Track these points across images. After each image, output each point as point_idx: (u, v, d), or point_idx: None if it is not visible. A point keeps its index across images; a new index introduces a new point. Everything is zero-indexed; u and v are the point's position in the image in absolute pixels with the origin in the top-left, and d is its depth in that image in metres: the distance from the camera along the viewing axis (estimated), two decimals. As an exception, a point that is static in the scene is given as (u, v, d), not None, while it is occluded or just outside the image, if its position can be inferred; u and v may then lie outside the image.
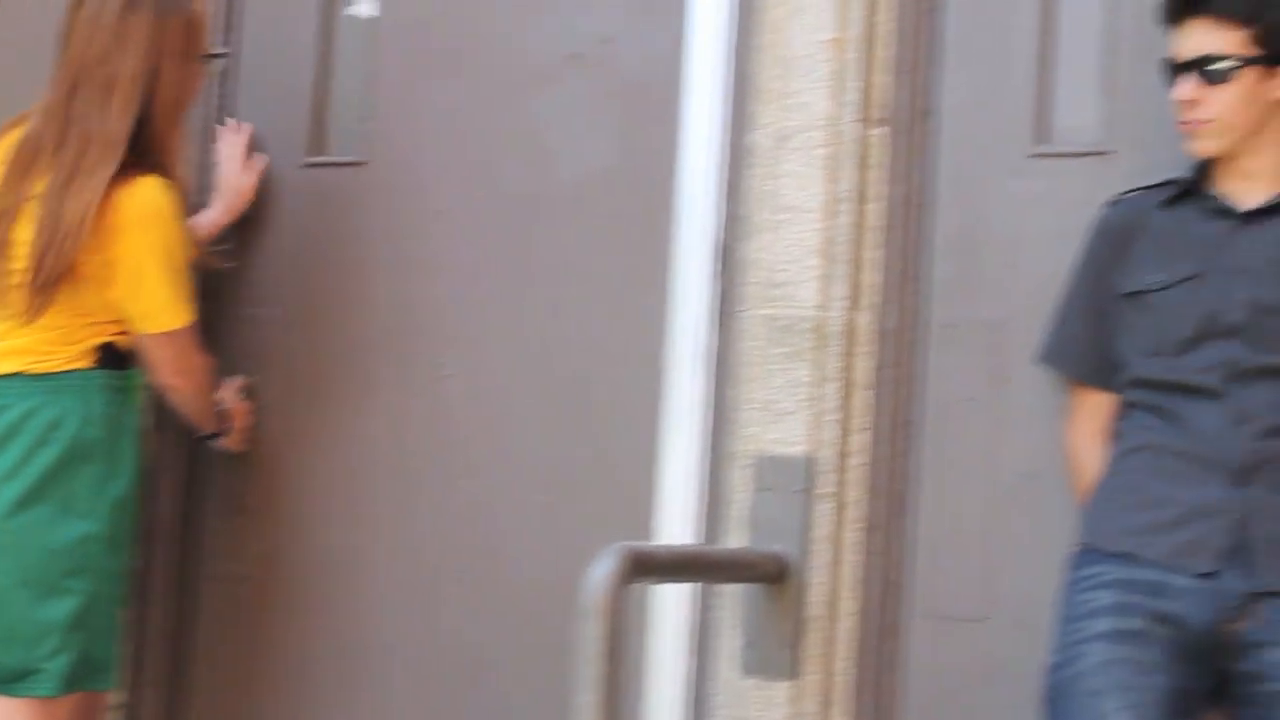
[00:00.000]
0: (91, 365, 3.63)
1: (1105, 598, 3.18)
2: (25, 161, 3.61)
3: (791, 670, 3.52)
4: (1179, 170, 3.39)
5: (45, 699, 3.54)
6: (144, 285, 3.61)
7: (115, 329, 3.67)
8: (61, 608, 3.54)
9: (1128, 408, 3.33)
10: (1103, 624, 3.15)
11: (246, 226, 4.07)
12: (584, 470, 3.85)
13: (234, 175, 4.00)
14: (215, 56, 4.02)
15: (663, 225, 3.84)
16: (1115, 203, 3.45)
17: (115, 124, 3.61)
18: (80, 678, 3.56)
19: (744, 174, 3.77)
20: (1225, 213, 3.30)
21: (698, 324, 3.78)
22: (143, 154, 3.62)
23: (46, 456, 3.56)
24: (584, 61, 3.97)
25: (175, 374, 3.74)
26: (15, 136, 3.66)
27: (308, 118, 4.14)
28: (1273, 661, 3.08)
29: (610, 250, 3.88)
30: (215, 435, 3.93)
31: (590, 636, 2.95)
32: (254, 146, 4.05)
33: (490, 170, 4.01)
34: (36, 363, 3.62)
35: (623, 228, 3.88)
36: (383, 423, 4.02)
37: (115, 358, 3.67)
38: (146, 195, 3.58)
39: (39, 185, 3.58)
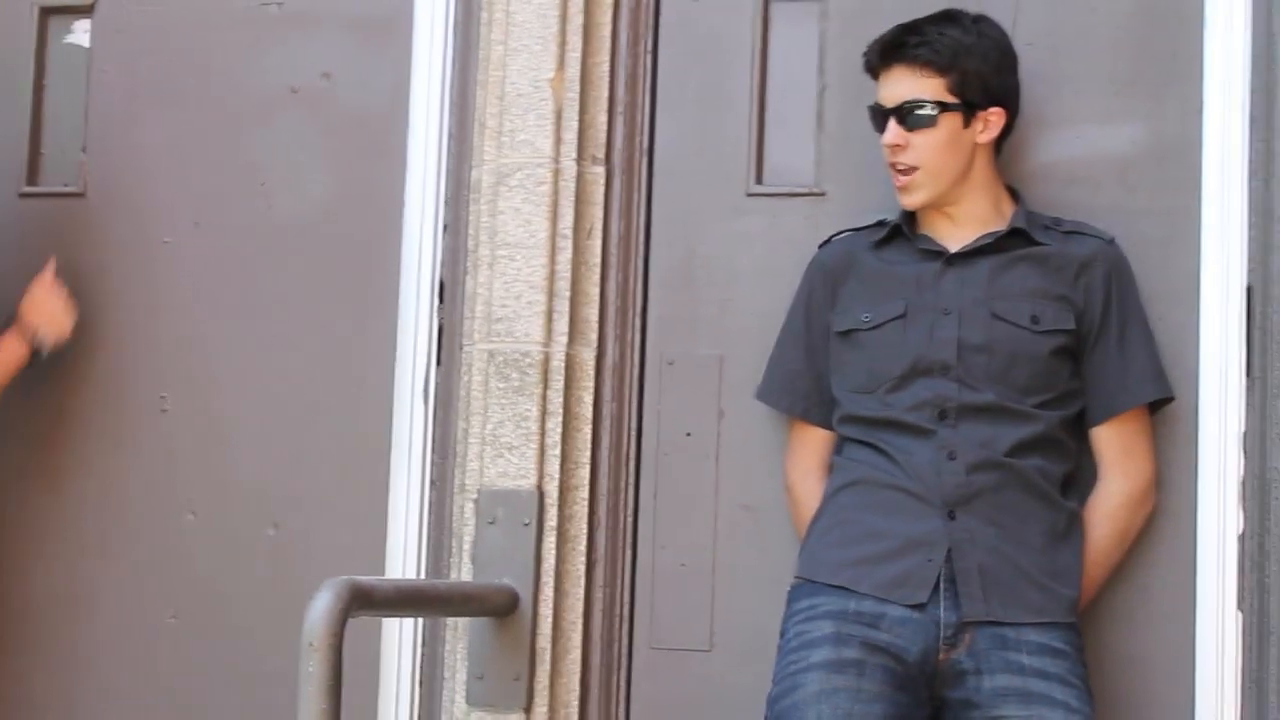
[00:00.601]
0: None
1: (823, 628, 3.29)
2: None
3: (521, 703, 3.59)
4: (888, 210, 3.53)
5: None
6: None
7: None
8: None
9: (842, 443, 3.46)
10: (820, 654, 3.26)
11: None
12: (313, 504, 3.87)
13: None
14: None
15: (387, 259, 3.89)
16: (827, 243, 3.58)
17: None
18: None
19: (466, 209, 3.83)
20: (933, 254, 3.44)
21: (420, 358, 3.83)
22: None
23: None
24: (304, 95, 3.99)
25: None
26: None
27: (23, 147, 4.08)
28: (985, 689, 3.22)
29: (335, 284, 3.91)
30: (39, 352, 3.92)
31: (311, 671, 2.97)
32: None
33: (212, 203, 4.00)
34: None
35: (347, 261, 3.91)
36: (102, 458, 3.98)
37: None
38: None
39: None
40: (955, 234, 3.45)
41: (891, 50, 3.44)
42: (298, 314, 3.92)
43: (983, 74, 3.41)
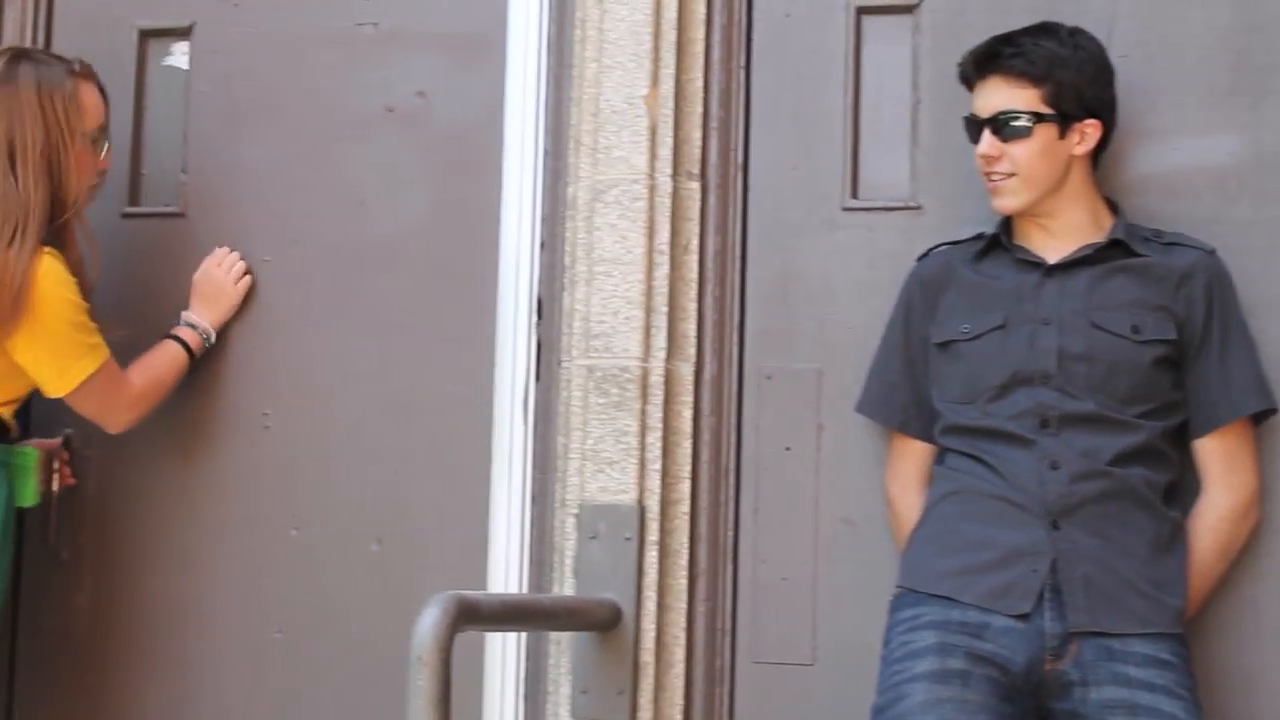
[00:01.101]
0: None
1: (926, 638, 3.30)
2: None
3: (625, 717, 3.62)
4: (983, 223, 3.55)
5: None
6: (39, 350, 3.69)
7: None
8: None
9: (943, 454, 3.48)
10: (925, 664, 3.27)
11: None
12: (415, 520, 3.91)
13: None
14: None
15: (484, 276, 3.92)
16: (925, 257, 3.60)
17: (36, 196, 3.72)
18: None
19: (562, 226, 3.86)
20: (1031, 265, 3.45)
21: (519, 374, 3.87)
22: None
23: None
24: (400, 114, 4.03)
25: (114, 413, 3.83)
26: None
27: (125, 168, 4.13)
28: (1091, 700, 3.23)
29: (433, 301, 3.95)
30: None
31: (420, 685, 2.98)
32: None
33: (310, 222, 4.05)
34: None
35: (445, 279, 3.95)
36: (207, 475, 4.03)
37: None
38: (42, 265, 3.66)
39: None
40: (1053, 245, 3.46)
41: (987, 61, 3.46)
42: (397, 331, 3.96)
43: (1078, 85, 3.42)
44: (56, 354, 3.69)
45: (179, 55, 4.19)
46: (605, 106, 3.81)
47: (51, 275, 3.67)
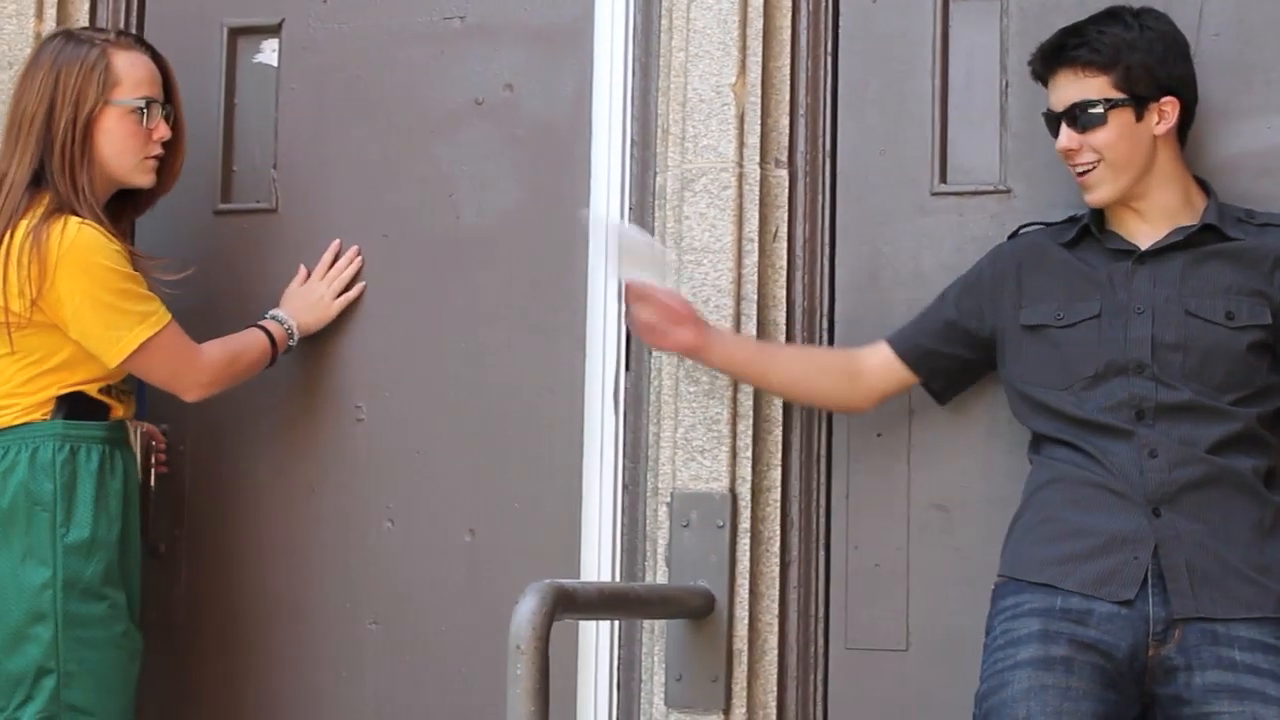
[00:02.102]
0: (47, 416, 3.67)
1: (1029, 625, 3.29)
2: None
3: (720, 704, 3.62)
4: (1073, 206, 3.53)
5: None
6: (86, 322, 3.65)
7: (79, 378, 3.71)
8: (26, 656, 3.57)
9: (1039, 441, 3.46)
10: (1028, 651, 3.26)
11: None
12: (508, 510, 3.93)
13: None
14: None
15: (574, 267, 3.94)
16: (1016, 234, 3.59)
17: (18, 168, 3.70)
18: None
19: (651, 215, 3.87)
20: (1124, 253, 3.43)
21: (610, 364, 3.88)
22: (61, 195, 3.68)
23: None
24: (488, 107, 4.05)
25: (182, 379, 3.79)
26: None
27: (217, 165, 4.17)
28: (1195, 685, 3.21)
29: (524, 292, 3.97)
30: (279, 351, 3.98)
31: (518, 673, 2.98)
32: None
33: (400, 215, 4.07)
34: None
35: (535, 270, 3.97)
36: (301, 468, 4.06)
37: (79, 408, 3.70)
38: (62, 240, 3.62)
39: None
40: (1145, 230, 3.44)
41: (1054, 55, 3.45)
42: (488, 322, 3.98)
43: (1149, 65, 3.39)
44: (106, 324, 3.65)
45: (268, 52, 4.22)
46: (693, 95, 3.81)
47: (82, 245, 3.63)
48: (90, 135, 3.73)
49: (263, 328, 3.96)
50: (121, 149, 3.77)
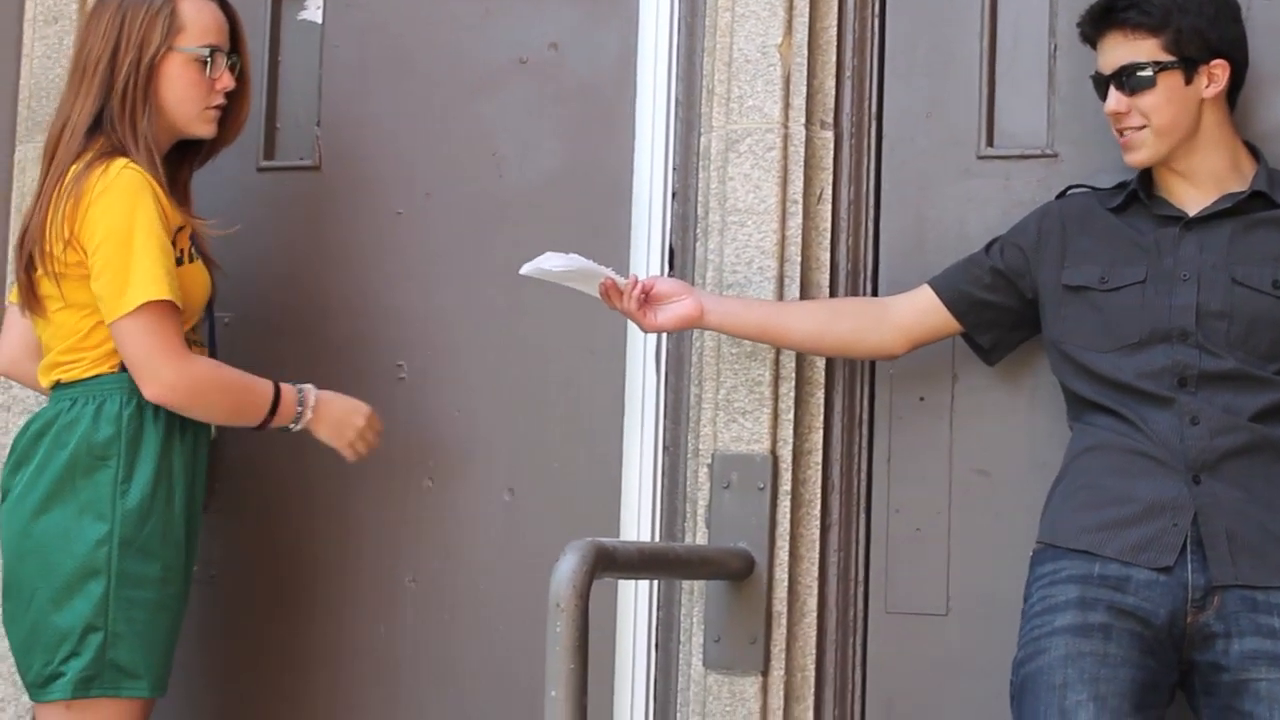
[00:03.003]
0: (112, 369, 3.63)
1: (1067, 592, 3.27)
2: (47, 160, 3.69)
3: (758, 665, 3.62)
4: (1121, 171, 3.50)
5: (69, 704, 3.55)
6: (105, 264, 3.57)
7: None
8: (75, 611, 3.55)
9: (1079, 407, 3.44)
10: (1065, 618, 3.25)
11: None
12: (548, 470, 3.93)
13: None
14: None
15: (617, 227, 3.93)
16: (1064, 195, 3.57)
17: (79, 112, 3.68)
18: (99, 683, 3.54)
19: (695, 176, 3.86)
20: (1170, 219, 3.41)
21: (653, 324, 3.86)
22: (117, 139, 3.65)
23: (60, 459, 3.59)
24: (533, 66, 4.04)
25: (150, 368, 3.55)
26: None
27: (259, 121, 4.16)
28: (1234, 652, 3.20)
29: (566, 251, 3.94)
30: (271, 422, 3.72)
31: (558, 631, 2.98)
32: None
33: (443, 174, 4.07)
34: (65, 371, 3.65)
35: (578, 229, 3.94)
36: (342, 425, 4.07)
37: None
38: (103, 178, 3.58)
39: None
40: (1193, 196, 3.41)
41: (1103, 17, 3.42)
42: (530, 282, 3.93)
43: (1199, 27, 3.36)
44: (116, 270, 3.55)
45: (313, 10, 4.21)
46: (738, 56, 3.79)
47: (121, 184, 3.57)
48: (153, 81, 3.68)
49: (278, 385, 3.72)
50: (183, 97, 3.72)
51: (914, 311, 3.57)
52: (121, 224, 3.56)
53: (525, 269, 3.57)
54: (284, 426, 3.72)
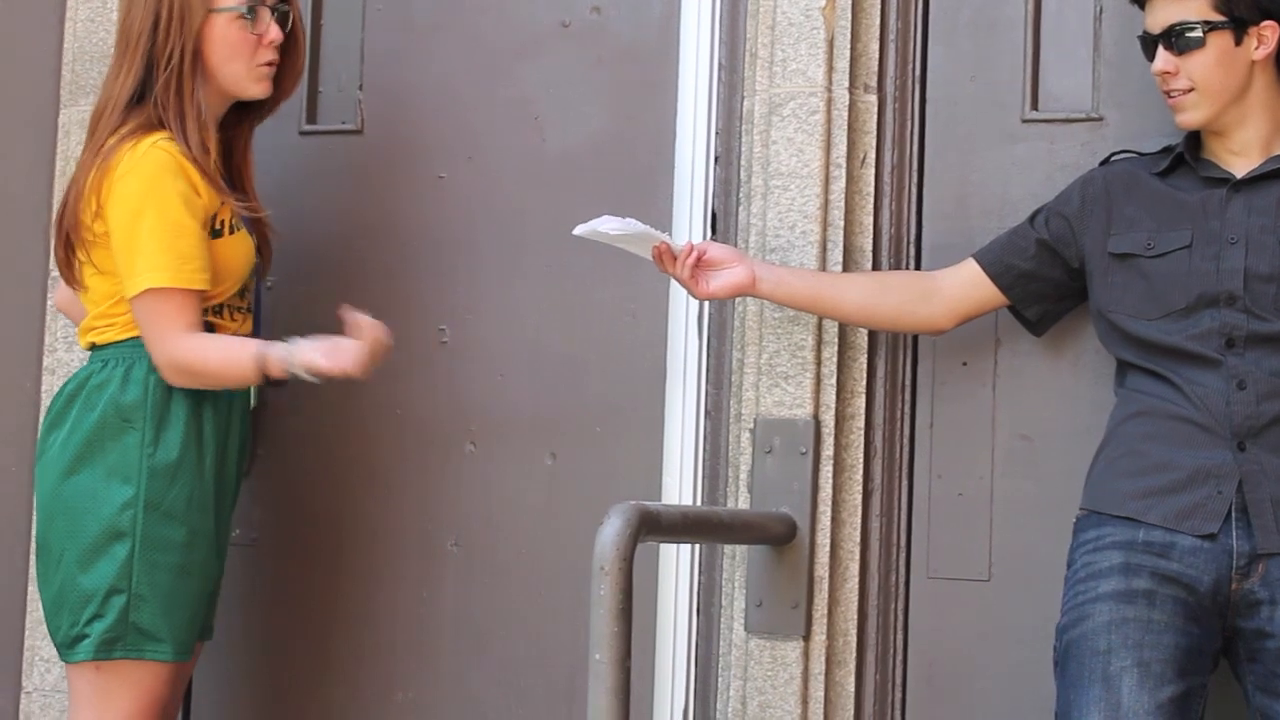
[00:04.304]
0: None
1: (1111, 558, 3.27)
2: (89, 135, 3.68)
3: (800, 630, 3.62)
4: (1167, 135, 3.48)
5: (98, 665, 3.56)
6: (119, 244, 3.58)
7: None
8: (100, 573, 3.55)
9: (1125, 373, 3.42)
10: (1109, 584, 3.24)
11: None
12: (589, 434, 3.93)
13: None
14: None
15: (659, 191, 3.92)
16: (1108, 161, 3.54)
17: (121, 87, 3.66)
18: (122, 645, 3.55)
19: (738, 140, 3.85)
20: (1218, 181, 3.38)
21: (695, 289, 3.85)
22: (157, 113, 3.62)
23: (89, 421, 3.59)
24: (575, 29, 4.03)
25: (151, 348, 3.58)
26: None
27: (302, 86, 4.14)
28: (1278, 618, 3.19)
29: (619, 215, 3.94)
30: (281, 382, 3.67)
31: (602, 594, 2.98)
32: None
33: (485, 138, 4.06)
34: (99, 334, 3.66)
35: (620, 193, 3.94)
36: (383, 390, 4.04)
37: None
38: (130, 155, 3.56)
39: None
40: (1240, 159, 3.39)
41: None
42: (571, 246, 3.93)
43: None
44: (126, 253, 3.56)
45: (353, -28, 4.21)
46: (782, 19, 3.77)
47: (149, 161, 3.56)
48: (200, 48, 3.64)
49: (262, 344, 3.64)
50: (230, 56, 3.66)
51: (960, 286, 3.55)
52: (135, 207, 3.55)
53: (580, 230, 3.55)
54: (293, 376, 3.61)
